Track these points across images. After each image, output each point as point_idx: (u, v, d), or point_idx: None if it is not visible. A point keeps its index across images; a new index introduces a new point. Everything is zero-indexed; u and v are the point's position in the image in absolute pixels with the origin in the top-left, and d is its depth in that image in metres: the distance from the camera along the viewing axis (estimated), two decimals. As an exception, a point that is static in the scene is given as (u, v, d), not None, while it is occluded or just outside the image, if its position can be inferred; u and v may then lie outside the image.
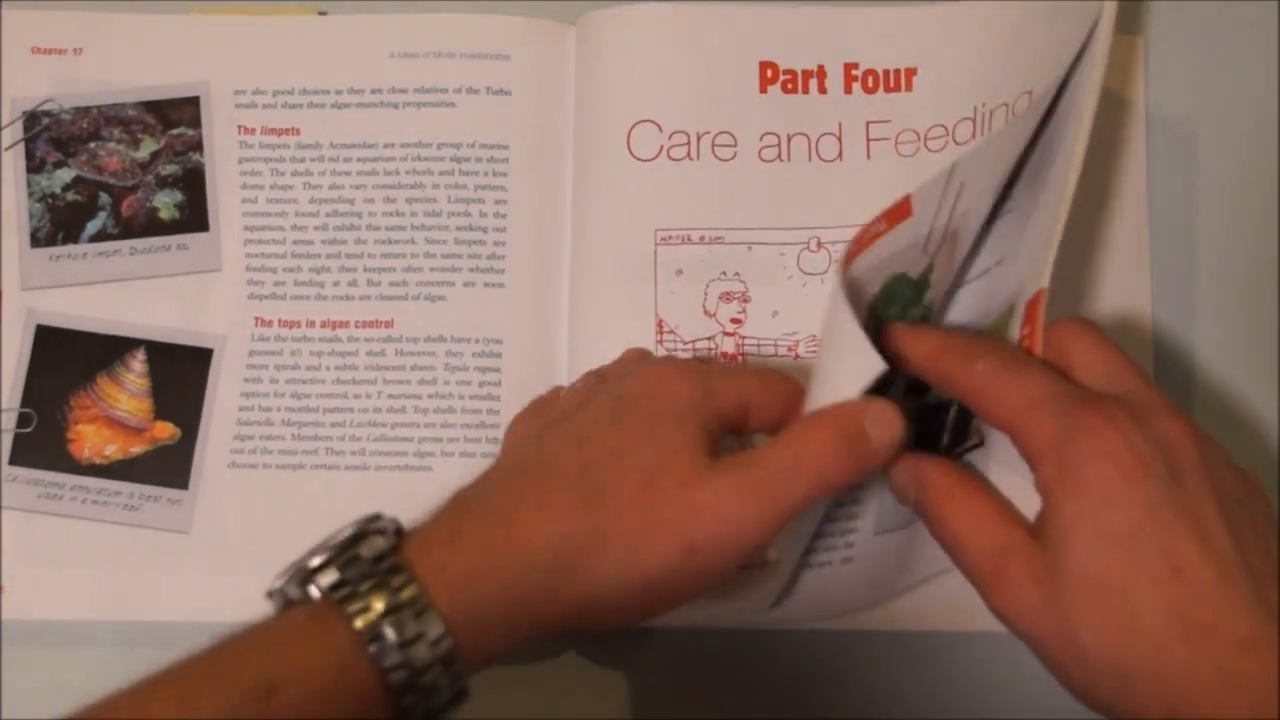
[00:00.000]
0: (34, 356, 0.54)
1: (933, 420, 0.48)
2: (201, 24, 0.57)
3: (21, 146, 0.55)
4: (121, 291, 0.54)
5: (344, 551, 0.37)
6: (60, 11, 0.57)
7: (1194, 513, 0.36)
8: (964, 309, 0.49)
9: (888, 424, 0.40)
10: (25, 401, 0.53)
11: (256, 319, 0.54)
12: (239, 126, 0.56)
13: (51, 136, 0.56)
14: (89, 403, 0.53)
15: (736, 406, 0.42)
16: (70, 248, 0.55)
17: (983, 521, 0.40)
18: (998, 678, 0.50)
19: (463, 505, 0.39)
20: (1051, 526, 0.38)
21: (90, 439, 0.53)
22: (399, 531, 0.38)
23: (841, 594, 0.49)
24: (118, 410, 0.53)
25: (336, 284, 0.54)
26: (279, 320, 0.54)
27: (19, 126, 0.56)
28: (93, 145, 0.56)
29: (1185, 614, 0.35)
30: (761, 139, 0.54)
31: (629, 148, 0.54)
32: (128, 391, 0.53)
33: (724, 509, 0.38)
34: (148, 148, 0.56)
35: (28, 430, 0.53)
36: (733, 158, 0.54)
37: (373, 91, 0.56)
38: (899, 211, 0.42)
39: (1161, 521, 0.36)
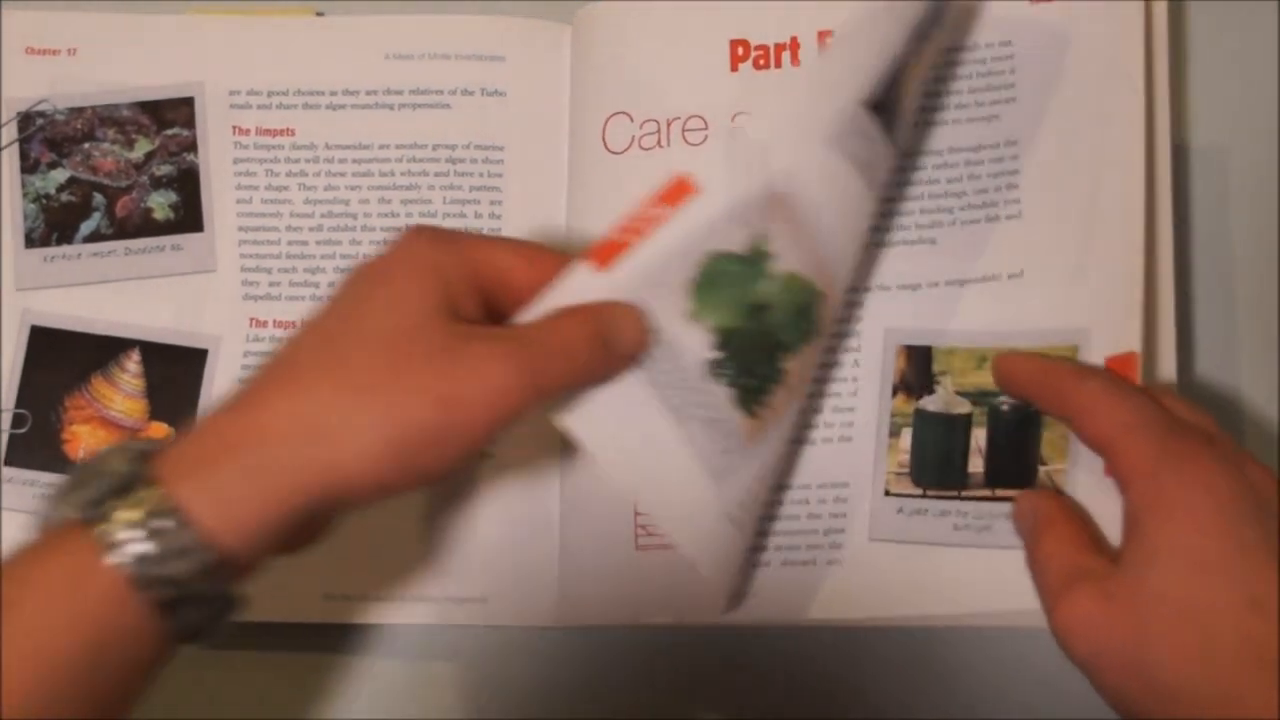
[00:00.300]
0: (29, 357, 0.54)
1: (941, 432, 0.47)
2: (196, 24, 0.57)
3: (16, 147, 0.55)
4: (116, 292, 0.54)
5: (87, 471, 0.37)
6: (55, 12, 0.57)
7: (1277, 551, 0.38)
8: (970, 313, 0.49)
9: (636, 329, 0.41)
10: (20, 402, 0.53)
11: (251, 320, 0.54)
12: (234, 127, 0.56)
13: (46, 137, 0.55)
14: (84, 403, 0.53)
15: (491, 272, 0.41)
16: (65, 248, 0.55)
17: (1067, 546, 0.41)
18: (999, 676, 0.50)
19: (211, 409, 0.39)
20: (1134, 547, 0.39)
21: (85, 440, 0.53)
22: (151, 450, 0.38)
23: (837, 596, 0.49)
24: (112, 411, 0.53)
25: (331, 285, 0.54)
26: (274, 321, 0.54)
27: (14, 127, 0.55)
28: (87, 146, 0.55)
29: (1264, 644, 0.36)
30: (735, 119, 0.52)
31: (604, 141, 0.54)
32: (122, 392, 0.53)
33: (482, 368, 0.38)
34: (142, 148, 0.56)
35: (22, 431, 0.53)
36: (703, 141, 0.53)
37: (368, 93, 0.56)
38: (679, 191, 0.42)
39: (1249, 554, 0.37)
